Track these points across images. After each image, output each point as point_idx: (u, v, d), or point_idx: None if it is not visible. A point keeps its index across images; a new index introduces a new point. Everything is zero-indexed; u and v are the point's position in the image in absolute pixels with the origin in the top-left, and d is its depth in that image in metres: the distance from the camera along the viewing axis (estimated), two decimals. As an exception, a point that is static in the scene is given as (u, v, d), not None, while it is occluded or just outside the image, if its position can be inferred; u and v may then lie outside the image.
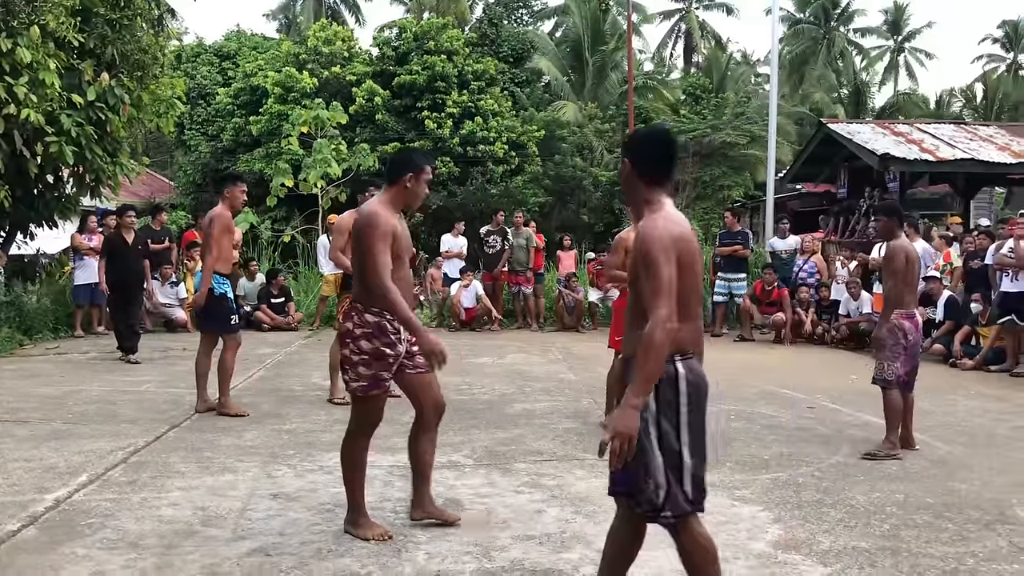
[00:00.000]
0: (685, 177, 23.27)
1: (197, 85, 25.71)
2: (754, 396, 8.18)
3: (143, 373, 9.05)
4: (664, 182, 3.10)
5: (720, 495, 5.00)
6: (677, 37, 47.66)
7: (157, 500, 4.74)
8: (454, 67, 23.83)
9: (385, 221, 4.06)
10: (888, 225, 6.18)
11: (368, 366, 4.08)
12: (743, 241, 13.17)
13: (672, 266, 2.90)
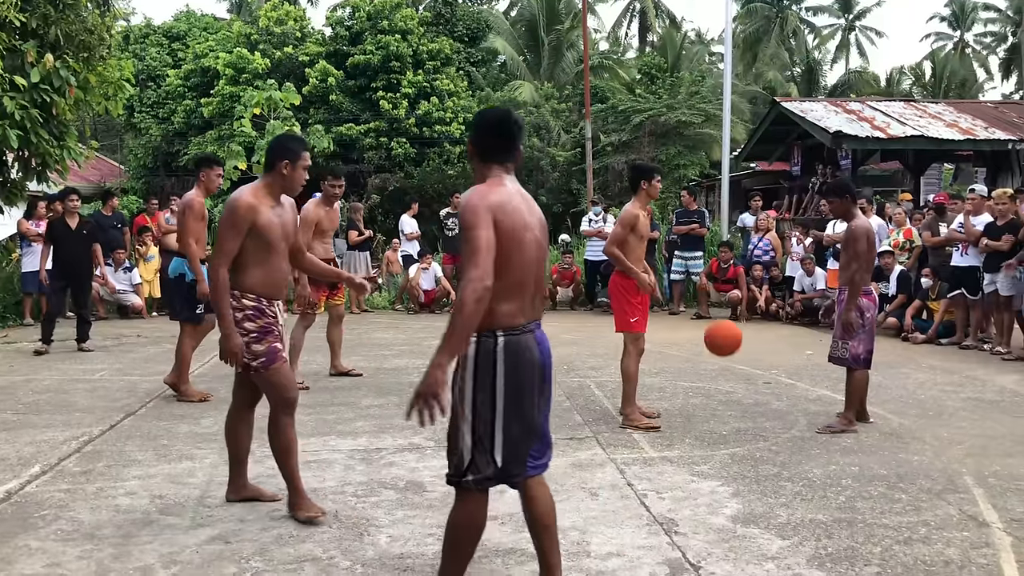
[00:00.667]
0: (641, 157, 23.33)
1: (146, 67, 25.20)
2: (712, 373, 8.27)
3: (97, 361, 8.89)
4: (499, 160, 3.14)
5: (680, 471, 5.06)
6: (632, 16, 47.67)
7: (113, 489, 4.67)
8: (409, 47, 23.62)
9: (244, 211, 4.04)
10: (843, 205, 6.13)
11: (259, 342, 4.14)
12: (699, 220, 13.27)
13: (488, 230, 2.91)
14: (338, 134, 22.00)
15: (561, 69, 30.24)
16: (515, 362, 2.99)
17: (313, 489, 4.67)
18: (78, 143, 12.84)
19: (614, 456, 5.36)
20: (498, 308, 2.96)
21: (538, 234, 3.11)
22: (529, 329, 3.07)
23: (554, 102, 26.35)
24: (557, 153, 24.14)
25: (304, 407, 6.66)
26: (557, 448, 5.45)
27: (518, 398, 3.01)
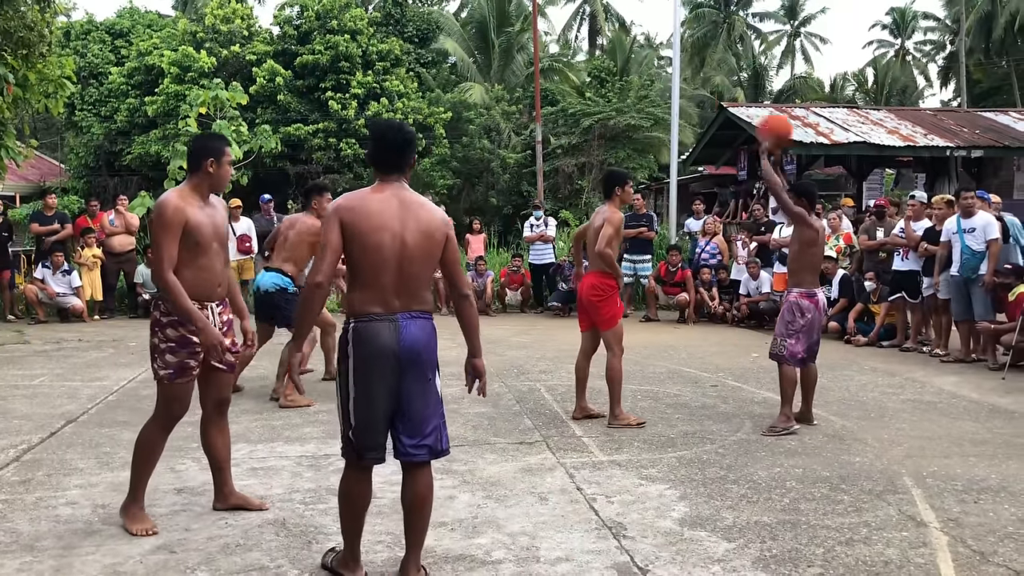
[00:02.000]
0: (591, 160, 23.51)
1: (88, 64, 24.64)
2: (660, 376, 8.35)
3: (36, 366, 8.68)
4: (381, 170, 3.48)
5: (628, 474, 5.10)
6: (582, 20, 47.94)
7: (54, 499, 4.57)
8: (358, 47, 23.45)
9: (173, 212, 4.03)
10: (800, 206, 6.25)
11: (174, 353, 4.11)
12: (648, 223, 13.39)
13: (332, 233, 3.33)
14: (286, 134, 21.75)
15: (511, 71, 30.31)
16: (362, 346, 3.35)
17: (260, 496, 4.63)
18: (16, 142, 12.54)
19: (563, 460, 5.39)
20: (353, 298, 3.40)
21: (408, 237, 3.37)
22: (385, 318, 3.36)
23: (504, 104, 26.39)
24: (507, 155, 24.19)
25: (252, 413, 6.61)
26: (507, 452, 5.51)
27: (365, 380, 3.35)
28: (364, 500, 3.54)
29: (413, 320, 3.41)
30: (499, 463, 5.32)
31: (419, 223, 3.42)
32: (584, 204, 22.91)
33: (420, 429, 3.44)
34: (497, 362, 8.79)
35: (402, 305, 3.39)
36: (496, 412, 6.71)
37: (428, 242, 3.43)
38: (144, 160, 22.01)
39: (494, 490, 4.80)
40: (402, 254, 3.37)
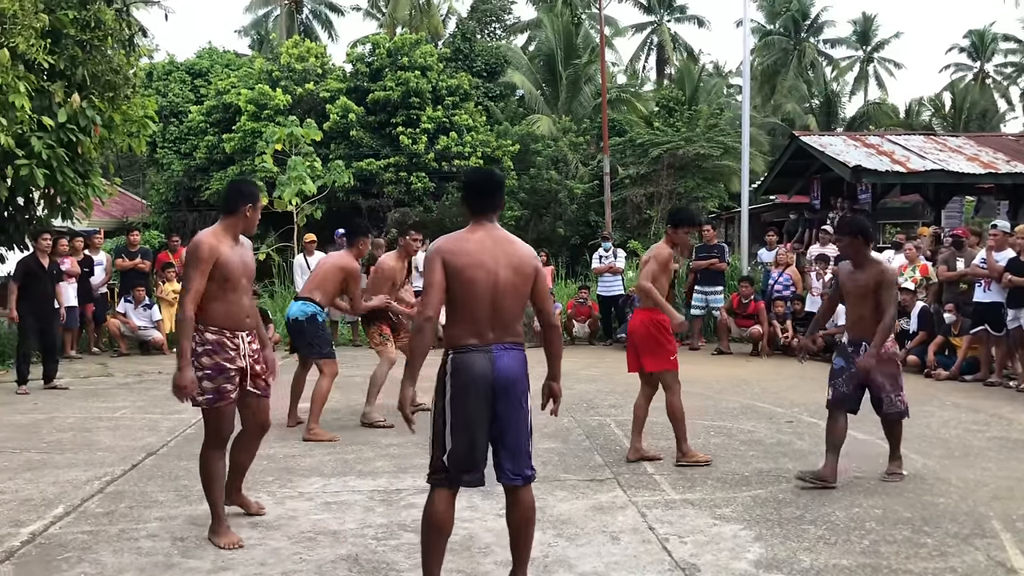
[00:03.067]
0: (660, 189, 23.40)
1: (169, 103, 25.57)
2: (734, 411, 8.21)
3: (118, 399, 8.96)
4: (474, 212, 3.74)
5: (702, 513, 5.02)
6: (649, 50, 48.03)
7: (135, 531, 4.69)
8: (428, 82, 23.86)
9: (207, 251, 4.37)
10: (855, 244, 5.62)
11: (211, 380, 4.43)
12: (719, 254, 13.25)
13: (435, 272, 3.58)
14: (358, 169, 22.19)
15: (579, 102, 30.44)
16: (459, 376, 3.58)
17: (333, 531, 4.68)
18: (102, 179, 13.05)
19: (635, 498, 5.33)
20: (451, 331, 3.64)
21: (503, 273, 3.62)
22: (481, 350, 3.58)
23: (572, 135, 26.50)
24: (575, 186, 24.24)
25: (325, 446, 6.70)
26: (577, 490, 5.46)
27: (462, 407, 3.57)
28: (449, 525, 3.68)
29: (507, 351, 3.64)
30: (569, 500, 5.28)
31: (510, 259, 3.67)
32: (653, 234, 22.78)
33: (518, 455, 3.70)
34: (566, 396, 8.66)
35: (496, 337, 3.62)
36: (566, 448, 6.68)
37: (519, 277, 3.67)
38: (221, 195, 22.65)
39: (565, 528, 4.77)
40: (495, 289, 3.61)
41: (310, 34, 39.58)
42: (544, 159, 24.70)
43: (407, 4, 38.14)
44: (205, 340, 4.41)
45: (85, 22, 11.78)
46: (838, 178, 16.41)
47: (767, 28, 47.59)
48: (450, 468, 3.59)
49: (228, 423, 4.56)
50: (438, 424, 3.62)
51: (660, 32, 47.28)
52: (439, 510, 3.63)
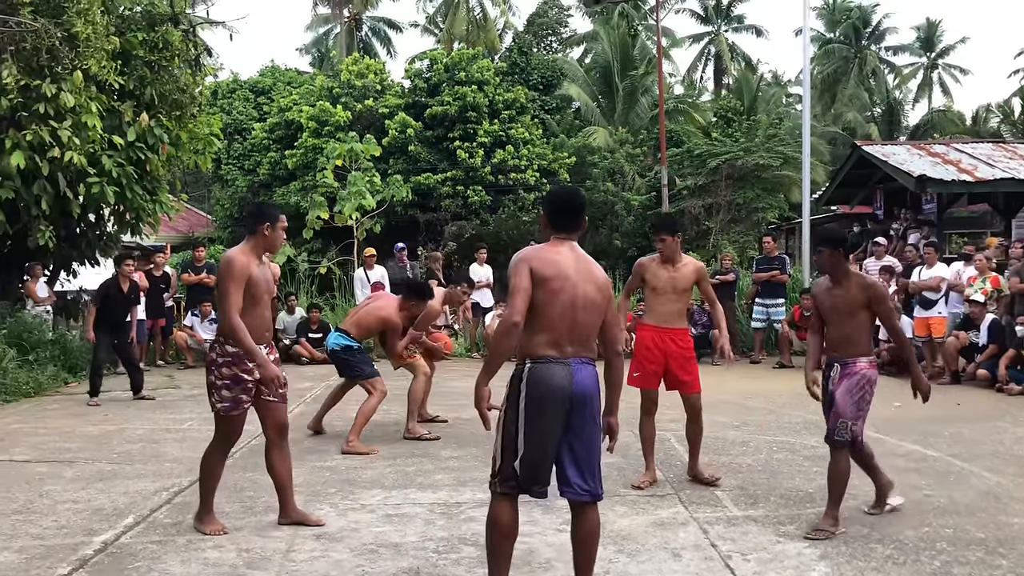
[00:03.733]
0: (718, 200, 23.18)
1: (233, 121, 26.16)
2: (796, 426, 8.08)
3: (185, 411, 9.15)
4: (558, 229, 3.78)
5: (765, 531, 4.94)
6: (707, 60, 47.68)
7: (202, 542, 4.78)
8: (485, 97, 24.02)
9: (240, 267, 4.72)
10: (833, 257, 5.04)
11: (229, 389, 4.79)
12: (780, 266, 13.07)
13: (523, 277, 3.58)
14: (416, 183, 22.41)
15: (635, 114, 30.33)
16: (537, 387, 3.58)
17: (395, 544, 4.72)
18: (169, 196, 13.41)
19: (697, 515, 5.27)
20: (531, 340, 3.62)
21: (587, 288, 3.66)
22: (560, 362, 3.60)
23: (628, 147, 26.42)
24: (632, 197, 24.13)
25: (386, 458, 6.76)
26: (637, 505, 5.43)
27: (537, 417, 3.57)
28: (514, 531, 3.71)
29: (583, 366, 3.66)
30: (630, 516, 5.25)
31: (592, 277, 3.73)
32: (711, 246, 22.57)
33: (590, 471, 3.70)
34: (625, 410, 8.66)
35: (574, 351, 3.64)
36: (625, 462, 6.64)
37: (600, 295, 3.72)
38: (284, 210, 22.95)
39: (625, 544, 4.74)
40: (577, 303, 3.64)
41: (369, 51, 40.17)
42: (600, 171, 24.65)
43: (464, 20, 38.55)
44: (226, 352, 4.74)
45: (153, 43, 12.16)
46: (902, 188, 16.09)
47: (827, 36, 46.90)
48: (521, 475, 3.60)
49: (238, 430, 4.97)
50: (510, 431, 3.62)
51: (718, 42, 46.90)
52: (506, 517, 3.66)
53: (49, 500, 5.62)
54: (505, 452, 3.64)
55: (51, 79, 10.58)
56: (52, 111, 10.56)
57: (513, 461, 3.61)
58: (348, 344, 7.36)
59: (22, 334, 11.18)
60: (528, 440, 3.58)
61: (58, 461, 6.75)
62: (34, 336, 11.36)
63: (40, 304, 12.15)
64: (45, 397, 10.14)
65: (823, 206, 23.13)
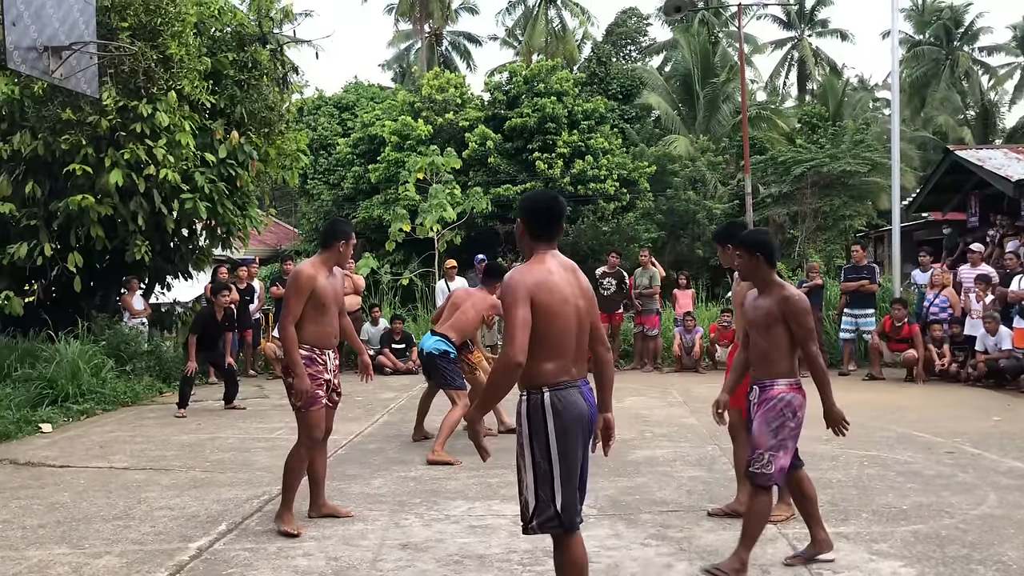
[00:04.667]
0: (803, 208, 22.72)
1: (318, 136, 26.81)
2: (888, 440, 7.84)
3: (274, 420, 9.37)
4: (543, 239, 3.56)
5: (857, 548, 4.80)
6: (790, 65, 46.82)
7: (292, 550, 4.89)
8: (564, 107, 24.07)
9: (305, 279, 5.13)
10: (752, 263, 4.51)
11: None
12: (870, 275, 12.71)
13: (524, 309, 3.33)
14: (496, 195, 22.57)
15: (717, 121, 29.98)
16: (562, 413, 3.38)
17: (479, 555, 4.74)
18: (258, 211, 13.82)
19: (785, 530, 5.15)
20: (543, 368, 3.39)
21: (580, 303, 3.50)
22: (574, 385, 3.45)
23: (710, 155, 26.12)
24: (714, 206, 23.84)
25: (469, 469, 6.80)
26: (724, 520, 5.33)
27: (567, 445, 3.39)
28: (586, 559, 3.53)
29: (586, 385, 3.54)
30: (716, 531, 5.16)
31: (582, 288, 3.58)
32: (797, 255, 22.12)
33: (584, 493, 3.58)
34: (711, 423, 8.56)
35: (579, 372, 3.51)
36: (711, 476, 6.53)
37: (592, 306, 3.60)
38: (368, 223, 23.55)
39: (713, 560, 4.65)
40: (580, 324, 3.50)
41: (449, 65, 40.67)
42: (681, 180, 24.43)
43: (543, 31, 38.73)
44: (300, 355, 5.13)
45: (243, 63, 12.56)
46: (998, 194, 15.50)
47: (916, 38, 45.54)
48: (563, 513, 3.38)
49: (320, 426, 5.28)
50: (541, 469, 3.38)
51: (801, 47, 46.03)
52: (578, 550, 3.47)
53: (147, 507, 5.82)
54: (540, 493, 3.38)
55: (147, 100, 11.01)
56: (148, 130, 10.99)
57: (552, 499, 3.37)
58: (447, 350, 7.43)
59: (120, 345, 11.63)
60: (565, 481, 3.37)
61: (154, 469, 6.99)
62: (131, 347, 11.81)
63: (136, 316, 12.63)
64: (142, 406, 10.53)
65: (913, 213, 22.42)
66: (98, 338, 11.46)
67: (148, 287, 13.56)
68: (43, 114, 11.04)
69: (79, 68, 7.92)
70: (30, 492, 6.28)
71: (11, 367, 10.12)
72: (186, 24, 11.61)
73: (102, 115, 10.83)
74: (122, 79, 11.00)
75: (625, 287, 13.82)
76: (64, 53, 7.67)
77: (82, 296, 12.22)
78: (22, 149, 10.95)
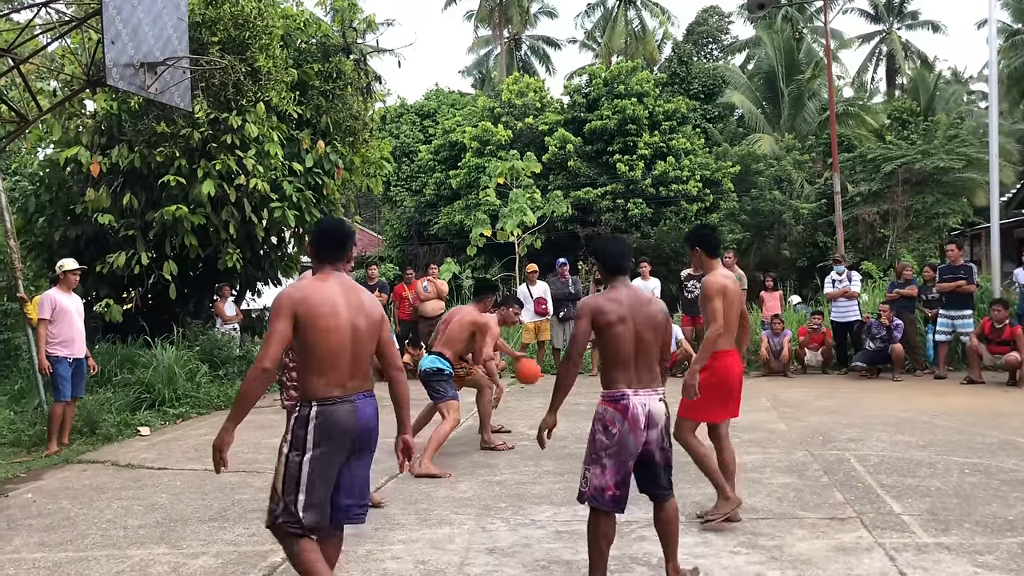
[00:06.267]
0: (895, 207, 22.03)
1: (401, 144, 27.22)
2: (991, 447, 7.51)
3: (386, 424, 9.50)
4: (326, 261, 3.78)
5: (959, 560, 4.62)
6: (878, 60, 45.46)
7: (381, 553, 4.95)
8: (644, 109, 23.88)
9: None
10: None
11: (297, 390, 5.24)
12: (967, 275, 12.23)
13: (284, 322, 3.57)
14: (576, 198, 22.53)
15: (802, 119, 29.34)
16: (323, 426, 3.60)
17: (567, 561, 4.72)
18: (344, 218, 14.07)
19: (882, 540, 4.99)
20: (312, 383, 3.63)
21: (360, 322, 3.71)
22: (346, 400, 3.66)
23: (796, 153, 25.56)
24: (800, 206, 23.32)
25: (553, 474, 6.79)
26: (817, 528, 5.20)
27: (325, 458, 3.61)
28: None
29: (363, 398, 3.77)
30: (809, 540, 5.03)
31: (368, 309, 3.79)
32: (888, 255, 21.46)
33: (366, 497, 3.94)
34: (799, 428, 8.36)
35: (357, 385, 3.75)
36: (802, 483, 6.37)
37: (376, 326, 3.82)
38: (449, 228, 23.79)
39: (806, 569, 4.54)
40: (354, 337, 3.71)
41: (528, 69, 40.78)
42: (766, 179, 23.97)
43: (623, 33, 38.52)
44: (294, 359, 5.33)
45: (328, 74, 12.82)
46: (1107, 187, 14.73)
47: (1014, 27, 43.68)
48: (304, 520, 3.59)
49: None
50: (291, 473, 3.61)
51: (890, 41, 44.65)
52: (304, 555, 3.63)
53: (240, 508, 5.98)
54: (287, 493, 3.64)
55: (237, 111, 11.33)
56: (238, 141, 11.30)
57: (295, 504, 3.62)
58: (440, 367, 7.47)
59: (213, 351, 11.97)
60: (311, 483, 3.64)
61: (247, 471, 7.17)
62: (223, 352, 12.14)
63: (228, 322, 12.99)
64: (234, 410, 10.81)
65: (1014, 210, 21.52)
66: (192, 344, 11.83)
67: (239, 294, 13.94)
68: (139, 128, 11.44)
69: (173, 83, 8.19)
70: (131, 493, 6.52)
71: (111, 372, 10.52)
72: (273, 37, 11.91)
73: (194, 127, 11.18)
74: (213, 92, 11.34)
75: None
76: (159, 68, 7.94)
77: (177, 303, 12.62)
78: (120, 162, 11.37)
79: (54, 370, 8.13)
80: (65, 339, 8.21)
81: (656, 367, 4.11)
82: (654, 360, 4.11)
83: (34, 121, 9.20)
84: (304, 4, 13.44)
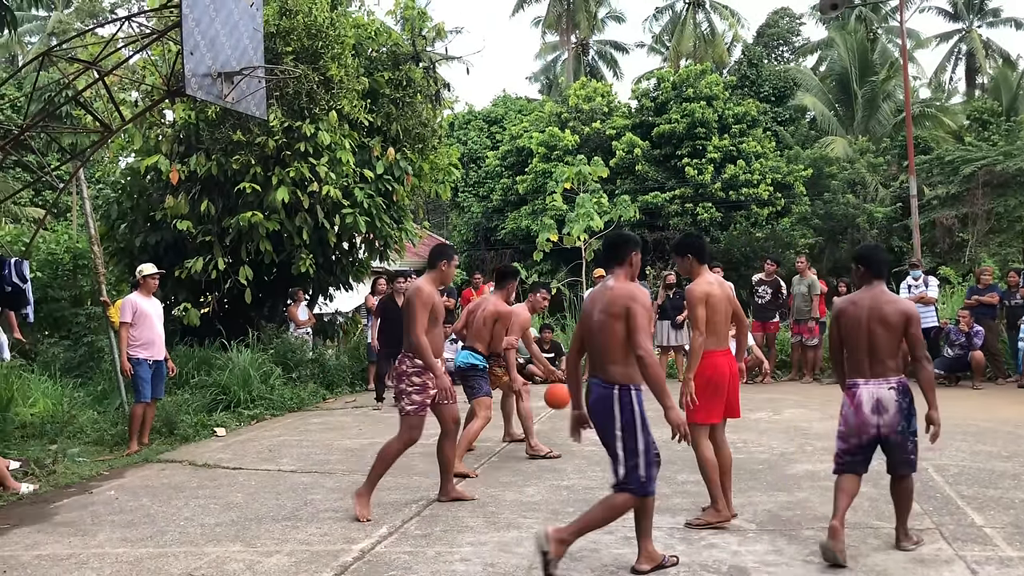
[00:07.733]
0: (974, 210, 21.37)
1: (468, 150, 27.42)
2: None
3: (431, 426, 9.55)
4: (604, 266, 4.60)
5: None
6: (957, 59, 44.11)
7: (450, 554, 4.99)
8: (714, 112, 23.62)
9: (428, 294, 5.77)
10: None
11: (418, 394, 5.81)
12: (1051, 280, 11.81)
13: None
14: (644, 203, 22.40)
15: (876, 121, 28.69)
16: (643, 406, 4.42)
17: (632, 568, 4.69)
18: (412, 224, 14.25)
19: (963, 553, 4.84)
20: (634, 371, 4.38)
21: (598, 316, 4.52)
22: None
23: (870, 156, 25.00)
24: (875, 209, 22.79)
25: (621, 480, 6.74)
26: (893, 539, 5.05)
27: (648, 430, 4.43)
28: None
29: None
30: (884, 550, 4.91)
31: (606, 303, 4.47)
32: (967, 260, 20.82)
33: None
34: (875, 436, 8.15)
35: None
36: (877, 493, 6.20)
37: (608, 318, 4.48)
38: (516, 234, 23.87)
39: (882, 581, 4.43)
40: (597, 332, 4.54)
41: (596, 74, 40.71)
42: (839, 183, 23.49)
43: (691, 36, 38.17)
44: (416, 364, 5.76)
45: (398, 82, 13.00)
46: None
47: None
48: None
49: (420, 428, 5.85)
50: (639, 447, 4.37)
51: (969, 39, 43.30)
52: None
53: (313, 508, 6.09)
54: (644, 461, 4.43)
55: (310, 120, 11.57)
56: (311, 149, 11.53)
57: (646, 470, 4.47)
58: (474, 363, 7.49)
59: (286, 354, 12.23)
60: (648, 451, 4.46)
61: (320, 472, 7.30)
62: (296, 356, 12.39)
63: (301, 326, 13.25)
64: (307, 412, 11.03)
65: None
66: (267, 347, 12.10)
67: (312, 298, 14.20)
68: (216, 136, 11.76)
69: (248, 92, 8.39)
70: (207, 492, 6.70)
71: (189, 374, 10.83)
72: (345, 46, 12.13)
73: (269, 136, 11.44)
74: (287, 101, 11.60)
75: (782, 296, 13.34)
76: (235, 78, 8.14)
77: (252, 307, 12.92)
78: (198, 170, 11.71)
79: (135, 372, 8.40)
80: (145, 342, 8.47)
81: (888, 361, 4.82)
82: (886, 355, 4.81)
83: (117, 131, 9.52)
84: (375, 14, 13.66)
